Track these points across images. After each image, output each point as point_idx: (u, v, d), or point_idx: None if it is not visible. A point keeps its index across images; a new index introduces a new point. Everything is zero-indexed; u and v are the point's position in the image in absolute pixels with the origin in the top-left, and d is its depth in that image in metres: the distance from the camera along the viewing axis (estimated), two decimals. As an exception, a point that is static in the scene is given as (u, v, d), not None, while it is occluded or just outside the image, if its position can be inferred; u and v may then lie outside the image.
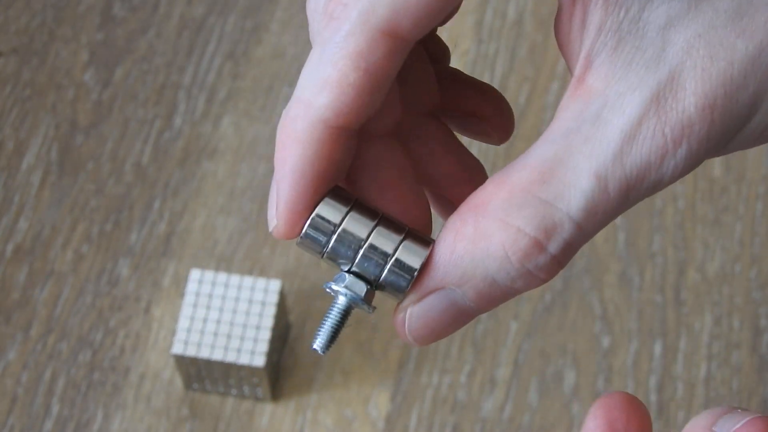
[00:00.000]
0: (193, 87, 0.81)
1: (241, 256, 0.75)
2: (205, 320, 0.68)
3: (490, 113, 0.39)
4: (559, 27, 0.33)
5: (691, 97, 0.31)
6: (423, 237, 0.34)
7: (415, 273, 0.33)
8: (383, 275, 0.33)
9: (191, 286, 0.69)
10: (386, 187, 0.36)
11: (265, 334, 0.68)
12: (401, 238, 0.34)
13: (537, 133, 0.76)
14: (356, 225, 0.34)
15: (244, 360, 0.67)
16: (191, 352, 0.68)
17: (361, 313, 0.37)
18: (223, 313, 0.69)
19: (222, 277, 0.69)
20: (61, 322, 0.74)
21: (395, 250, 0.33)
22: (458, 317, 0.34)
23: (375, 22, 0.32)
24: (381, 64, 0.32)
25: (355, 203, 0.34)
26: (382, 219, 0.34)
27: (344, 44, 0.32)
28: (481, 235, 0.32)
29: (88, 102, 0.80)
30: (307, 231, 0.34)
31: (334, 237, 0.33)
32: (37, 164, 0.78)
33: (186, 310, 0.69)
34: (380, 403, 0.71)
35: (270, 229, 0.34)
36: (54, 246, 0.76)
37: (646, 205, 0.76)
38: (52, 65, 0.82)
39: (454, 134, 0.39)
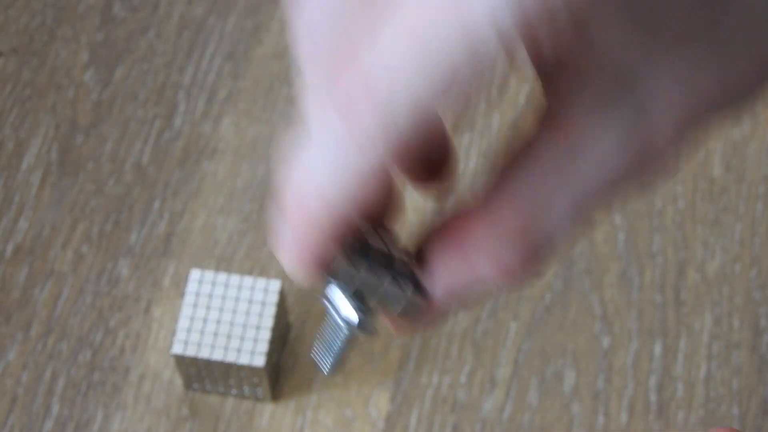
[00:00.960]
0: (193, 87, 0.81)
1: (241, 256, 0.75)
2: (205, 320, 0.68)
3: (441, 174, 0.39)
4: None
5: (660, 129, 0.32)
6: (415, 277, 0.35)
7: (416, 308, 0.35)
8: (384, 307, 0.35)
9: (191, 286, 0.69)
10: None
11: (265, 334, 0.68)
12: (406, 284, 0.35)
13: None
14: (373, 276, 0.35)
15: (244, 360, 0.67)
16: (191, 352, 0.68)
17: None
18: (223, 313, 0.69)
19: (222, 277, 0.69)
20: (61, 322, 0.74)
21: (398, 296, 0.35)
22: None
23: (396, 136, 0.30)
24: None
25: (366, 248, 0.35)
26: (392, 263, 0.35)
27: (363, 159, 0.30)
28: (478, 278, 0.34)
29: (88, 102, 0.80)
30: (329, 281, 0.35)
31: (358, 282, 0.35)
32: (37, 164, 0.78)
33: (186, 310, 0.69)
34: (380, 403, 0.71)
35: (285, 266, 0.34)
36: (54, 246, 0.76)
37: (646, 205, 0.76)
38: (52, 65, 0.81)
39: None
